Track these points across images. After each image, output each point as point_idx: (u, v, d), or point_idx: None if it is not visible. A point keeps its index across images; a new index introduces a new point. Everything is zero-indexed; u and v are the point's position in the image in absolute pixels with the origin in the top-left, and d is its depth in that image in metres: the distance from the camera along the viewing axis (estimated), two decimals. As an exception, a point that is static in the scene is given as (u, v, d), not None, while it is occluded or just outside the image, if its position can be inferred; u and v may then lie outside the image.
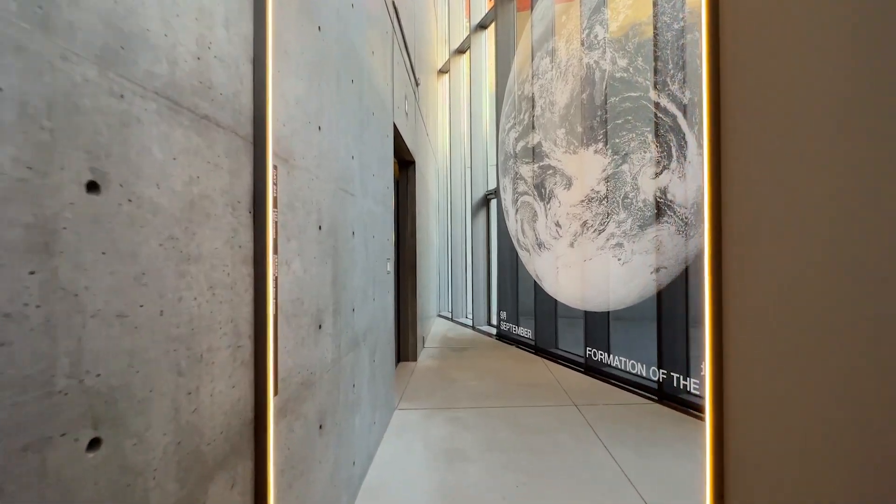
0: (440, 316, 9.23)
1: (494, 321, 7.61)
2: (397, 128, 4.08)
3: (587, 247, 4.89)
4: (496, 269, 7.38)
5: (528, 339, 6.17)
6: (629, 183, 4.33)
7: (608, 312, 4.75)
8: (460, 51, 8.86)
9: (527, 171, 6.08)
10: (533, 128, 5.93)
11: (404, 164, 5.42)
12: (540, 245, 5.81)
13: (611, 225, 4.56)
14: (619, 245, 4.45)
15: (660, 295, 3.99)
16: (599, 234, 4.71)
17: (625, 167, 4.39)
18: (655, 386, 4.06)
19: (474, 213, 7.93)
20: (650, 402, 3.97)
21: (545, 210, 5.67)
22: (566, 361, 5.33)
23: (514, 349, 6.16)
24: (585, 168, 4.92)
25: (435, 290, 8.74)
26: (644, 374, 4.25)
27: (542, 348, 5.84)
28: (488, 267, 7.89)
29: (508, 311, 6.74)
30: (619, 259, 4.46)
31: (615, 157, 4.51)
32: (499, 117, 6.91)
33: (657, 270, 4.01)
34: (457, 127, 8.90)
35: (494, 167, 7.09)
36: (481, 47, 8.11)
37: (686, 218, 3.73)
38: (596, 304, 4.81)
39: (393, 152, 3.96)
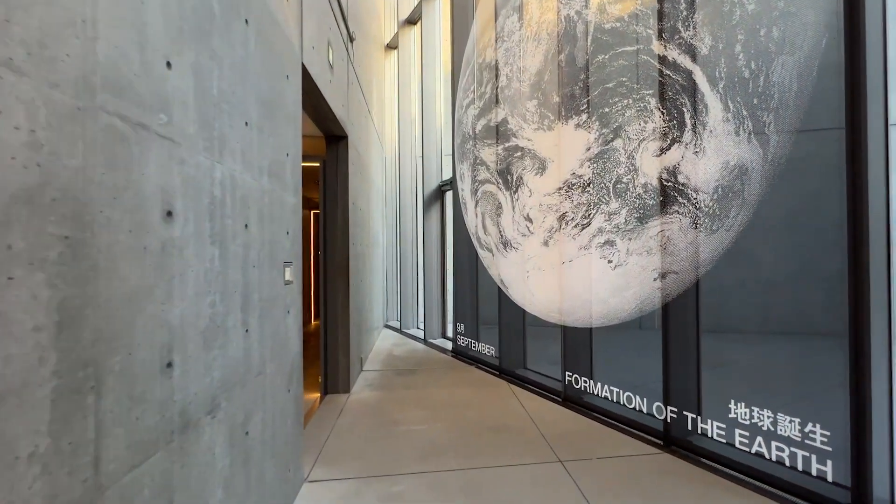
0: (388, 327, 8.01)
1: (450, 334, 6.49)
2: (312, 77, 2.86)
3: (566, 246, 3.88)
4: (452, 272, 6.28)
5: (491, 357, 5.11)
6: (623, 163, 3.35)
7: (591, 329, 3.76)
8: (410, 21, 7.70)
9: (489, 154, 5.02)
10: (497, 102, 4.88)
11: (332, 138, 4.19)
12: (506, 244, 4.76)
13: (598, 218, 3.56)
14: (610, 243, 3.46)
15: (666, 309, 3.02)
16: (583, 229, 3.71)
17: (617, 143, 3.40)
18: (660, 427, 3.09)
19: (426, 207, 6.78)
20: (655, 448, 2.99)
21: (512, 201, 4.63)
22: (539, 388, 4.29)
23: (473, 370, 5.06)
24: (564, 147, 3.91)
25: (380, 297, 7.51)
26: (641, 409, 3.28)
27: (507, 370, 4.79)
28: (443, 270, 6.77)
29: (467, 323, 5.65)
30: (609, 261, 3.47)
31: (604, 130, 3.52)
32: (455, 92, 5.81)
33: (663, 276, 3.04)
34: (406, 110, 7.72)
35: (450, 156, 5.99)
36: (434, 15, 7.00)
37: (706, 206, 2.78)
38: (577, 317, 3.80)
39: (301, 107, 2.73)
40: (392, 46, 8.40)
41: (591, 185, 3.63)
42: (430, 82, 6.88)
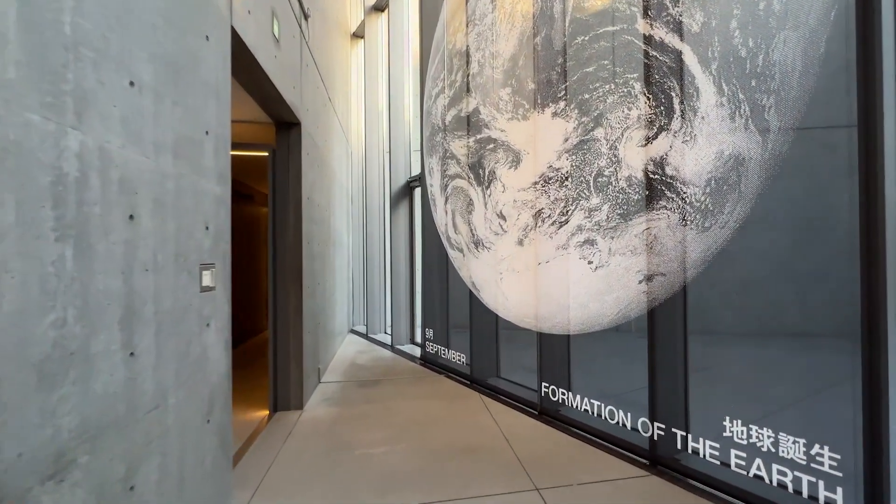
0: (354, 332, 7.54)
1: (419, 339, 6.10)
2: (248, 48, 2.42)
3: (543, 245, 3.55)
4: (421, 274, 5.89)
5: (462, 366, 4.74)
6: (605, 154, 3.05)
7: (568, 337, 3.45)
8: (378, 8, 7.27)
9: (459, 146, 4.66)
10: (468, 90, 4.52)
11: (283, 125, 3.73)
12: (477, 243, 4.41)
13: (577, 214, 3.25)
14: (590, 242, 3.15)
15: (653, 315, 2.72)
16: (560, 227, 3.39)
17: (598, 133, 3.10)
18: (647, 445, 2.79)
19: (394, 205, 6.37)
20: (641, 470, 2.69)
21: (484, 197, 4.28)
22: (513, 399, 3.95)
23: (443, 380, 4.68)
24: (540, 138, 3.59)
25: (345, 300, 7.05)
26: (625, 425, 2.98)
27: (479, 380, 4.43)
28: (412, 272, 6.37)
29: (436, 328, 5.27)
30: (589, 262, 3.16)
31: (583, 119, 3.21)
32: (423, 81, 5.43)
33: (649, 279, 2.75)
34: (374, 102, 7.29)
35: (419, 152, 5.59)
36: (403, 1, 6.59)
37: (697, 201, 2.49)
38: (554, 323, 3.48)
39: (230, 80, 2.30)
40: (358, 35, 7.95)
41: (570, 179, 3.31)
42: (399, 72, 6.47)
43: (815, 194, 2.18)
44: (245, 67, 2.60)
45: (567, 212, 3.33)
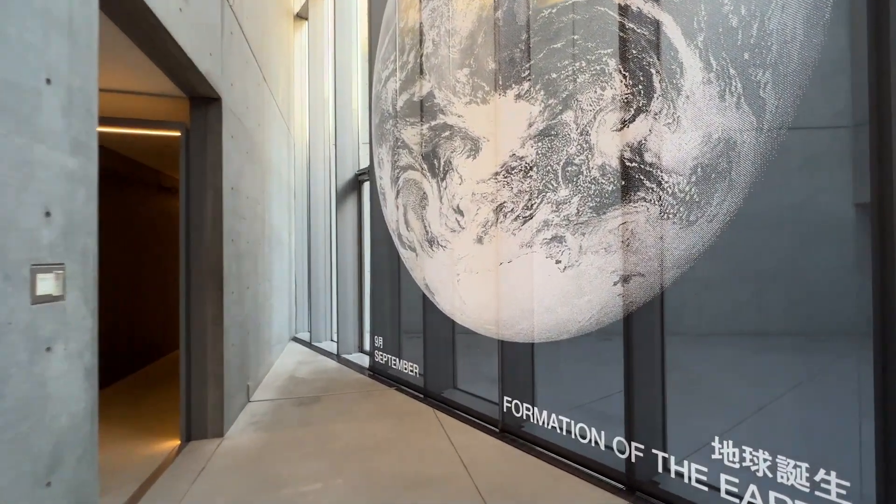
0: (296, 340, 6.88)
1: (368, 348, 5.58)
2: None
3: (505, 243, 3.18)
4: (370, 276, 5.37)
5: (415, 377, 4.29)
6: (575, 141, 2.71)
7: (532, 345, 3.09)
8: (324, -14, 6.68)
9: (412, 135, 4.21)
10: (421, 72, 4.09)
11: (199, 101, 3.12)
12: (432, 242, 3.98)
13: (543, 208, 2.90)
14: (559, 239, 2.80)
15: (630, 320, 2.40)
16: (525, 222, 3.02)
17: (567, 116, 2.76)
18: (623, 467, 2.47)
19: (340, 201, 5.81)
20: (617, 496, 2.36)
21: (439, 190, 3.86)
22: (471, 415, 3.55)
23: (393, 394, 4.21)
24: (501, 123, 3.21)
25: (285, 306, 6.38)
26: (598, 443, 2.65)
27: (434, 393, 4.00)
28: (360, 273, 5.84)
29: (387, 336, 4.78)
30: (557, 261, 2.81)
31: (550, 101, 2.86)
32: (372, 63, 4.93)
33: (625, 280, 2.43)
34: (319, 90, 6.68)
35: (368, 144, 5.08)
36: (351, -21, 6.06)
37: (681, 191, 2.20)
38: (518, 330, 3.12)
39: (96, 19, 1.75)
40: (302, 16, 7.31)
41: (535, 169, 2.95)
42: (346, 56, 5.92)
43: (822, 183, 1.93)
44: (133, 17, 2.02)
45: (532, 205, 2.97)
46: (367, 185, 5.63)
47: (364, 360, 5.41)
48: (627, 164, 2.41)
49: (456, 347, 4.12)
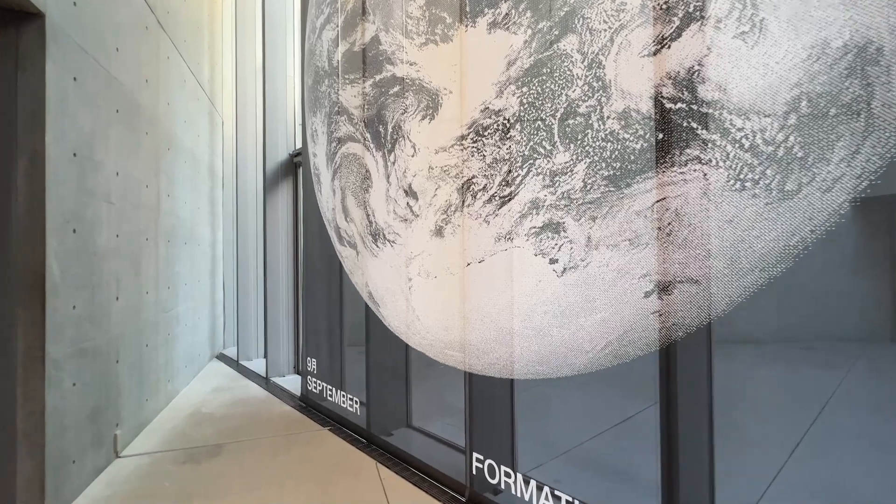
0: (222, 357, 5.69)
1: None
2: None
3: (475, 234, 2.24)
4: (303, 281, 4.32)
5: (355, 413, 3.28)
6: (580, 79, 1.81)
7: (512, 382, 2.17)
8: (255, -69, 5.55)
9: (352, 96, 3.22)
10: (363, 12, 3.10)
11: (4, 14, 2.01)
12: (376, 235, 3.00)
13: (531, 182, 1.98)
14: (554, 227, 1.89)
15: (670, 355, 1.52)
16: (503, 204, 2.10)
17: (567, 44, 1.85)
18: (656, 583, 1.58)
19: (271, 188, 4.72)
20: None
21: (386, 166, 2.88)
22: (428, 475, 2.59)
23: (326, 437, 3.18)
24: (470, 66, 2.28)
25: (205, 316, 5.19)
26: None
27: (379, 437, 3.01)
28: (295, 278, 4.77)
29: (321, 358, 3.75)
30: (552, 260, 1.90)
31: (541, 25, 1.95)
32: (305, 10, 3.90)
33: (663, 290, 1.54)
34: (248, 57, 5.53)
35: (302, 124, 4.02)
36: (286, -81, 4.98)
37: (771, 143, 1.32)
38: (493, 360, 2.18)
39: None
40: (233, -30, 6.13)
41: (519, 126, 2.03)
42: (278, 9, 4.83)
43: None
44: None
45: (514, 179, 2.04)
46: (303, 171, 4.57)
47: (298, 385, 4.35)
48: (668, 105, 1.53)
49: (410, 373, 3.16)
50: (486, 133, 2.18)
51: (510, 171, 2.07)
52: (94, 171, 2.52)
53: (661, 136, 1.55)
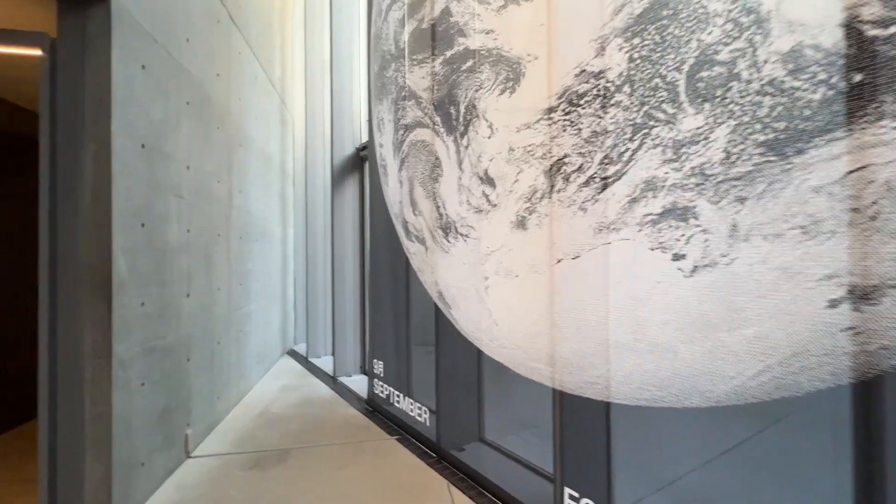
0: (293, 353, 5.74)
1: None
2: None
3: (567, 225, 1.86)
4: (369, 279, 4.15)
5: (423, 423, 3.02)
6: (720, 13, 1.37)
7: (608, 406, 1.75)
8: (323, -75, 5.51)
9: (420, 77, 2.95)
10: (432, -16, 2.82)
11: (76, 2, 1.95)
12: (447, 229, 2.70)
13: (646, 157, 1.56)
14: (680, 214, 1.46)
15: (873, 395, 1.05)
16: (605, 187, 1.70)
17: (698, -26, 1.41)
18: None
19: (338, 183, 4.62)
20: None
21: (458, 152, 2.58)
22: (508, 500, 2.25)
23: (393, 448, 2.96)
24: (559, 24, 1.90)
25: (277, 313, 5.24)
26: None
27: (449, 452, 2.72)
28: (362, 274, 4.64)
29: (388, 361, 3.54)
30: (677, 255, 1.47)
31: (658, -42, 1.52)
32: (372, -6, 3.71)
33: (862, 298, 1.07)
34: (317, 53, 5.50)
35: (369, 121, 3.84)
36: None
37: None
38: (593, 377, 1.79)
39: None
40: (302, -31, 6.17)
41: (628, 87, 1.62)
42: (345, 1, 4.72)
43: None
44: None
45: (620, 155, 1.64)
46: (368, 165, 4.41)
47: (365, 386, 4.19)
48: (872, 32, 1.06)
49: (483, 381, 2.83)
50: (581, 102, 1.79)
51: (615, 146, 1.66)
52: (163, 163, 2.47)
53: (859, 77, 1.08)
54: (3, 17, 2.18)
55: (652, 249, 1.53)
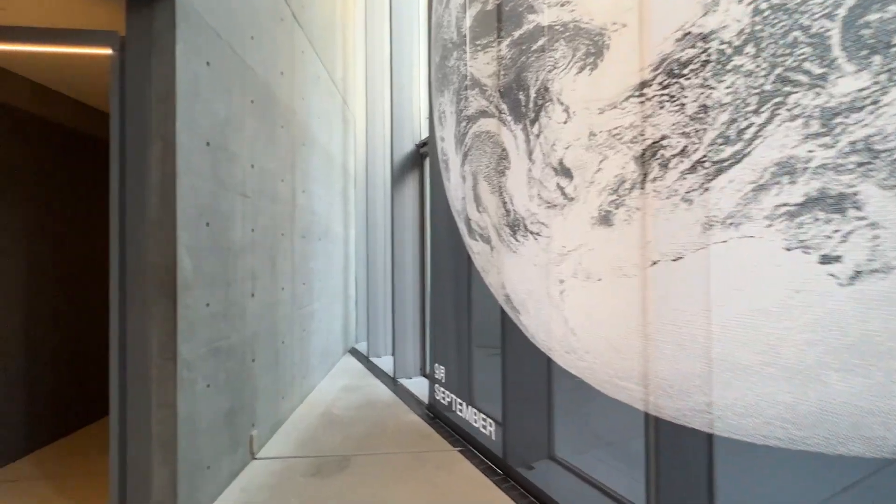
0: (354, 352, 5.76)
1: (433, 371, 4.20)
2: None
3: (666, 221, 1.56)
4: (430, 279, 4.01)
5: (488, 436, 2.81)
6: (893, -61, 1.02)
7: (711, 438, 1.43)
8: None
9: (485, 64, 2.74)
10: (498, -40, 2.59)
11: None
12: (514, 226, 2.47)
13: (777, 135, 1.24)
14: (832, 204, 1.13)
15: None
16: (718, 173, 1.39)
17: None
18: None
19: (398, 180, 4.52)
20: None
21: (528, 141, 2.33)
22: (585, 534, 1.98)
23: (456, 461, 2.77)
24: (654, -17, 1.60)
25: (338, 313, 5.27)
26: None
27: (516, 469, 2.49)
28: (422, 274, 4.51)
29: (450, 366, 3.36)
30: (824, 257, 1.14)
31: None
32: (433, -19, 3.54)
33: None
34: (377, 49, 5.46)
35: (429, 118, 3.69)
36: None
37: None
38: (697, 406, 1.48)
39: None
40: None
41: (752, 47, 1.31)
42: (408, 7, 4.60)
43: None
44: None
45: (741, 133, 1.32)
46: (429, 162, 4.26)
47: (426, 389, 4.06)
48: None
49: (554, 392, 2.57)
50: (685, 71, 1.49)
51: (733, 122, 1.35)
52: (228, 162, 2.45)
53: None
54: (63, 16, 2.25)
55: (789, 249, 1.21)
